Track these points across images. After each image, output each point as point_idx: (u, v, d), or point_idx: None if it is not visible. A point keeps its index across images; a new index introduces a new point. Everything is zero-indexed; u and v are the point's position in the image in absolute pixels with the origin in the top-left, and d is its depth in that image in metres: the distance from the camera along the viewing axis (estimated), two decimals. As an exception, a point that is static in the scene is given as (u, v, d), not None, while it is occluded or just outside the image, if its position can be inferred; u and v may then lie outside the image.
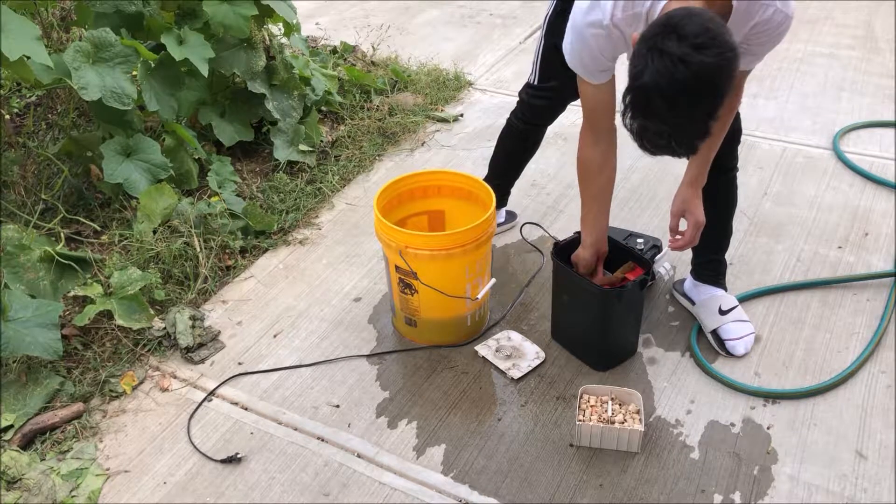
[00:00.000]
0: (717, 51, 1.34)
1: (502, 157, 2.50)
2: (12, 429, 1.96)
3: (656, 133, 1.44)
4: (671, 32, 1.35)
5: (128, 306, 2.20)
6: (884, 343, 2.16)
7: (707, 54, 1.33)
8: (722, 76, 1.36)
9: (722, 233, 2.19)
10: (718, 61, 1.35)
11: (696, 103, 1.38)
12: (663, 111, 1.39)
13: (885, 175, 2.89)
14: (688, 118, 1.40)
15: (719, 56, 1.34)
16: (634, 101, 1.42)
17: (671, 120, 1.40)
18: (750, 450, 1.87)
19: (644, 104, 1.41)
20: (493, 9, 4.66)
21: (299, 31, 3.37)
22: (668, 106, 1.38)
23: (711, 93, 1.38)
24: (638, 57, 1.40)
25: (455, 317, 2.18)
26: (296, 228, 2.74)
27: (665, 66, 1.35)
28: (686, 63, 1.33)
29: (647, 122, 1.43)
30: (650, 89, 1.37)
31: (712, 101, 1.39)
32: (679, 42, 1.34)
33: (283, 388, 2.11)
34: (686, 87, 1.35)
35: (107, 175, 2.51)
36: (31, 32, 2.18)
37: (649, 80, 1.37)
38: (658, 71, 1.35)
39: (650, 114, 1.41)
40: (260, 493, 1.82)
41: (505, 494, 1.79)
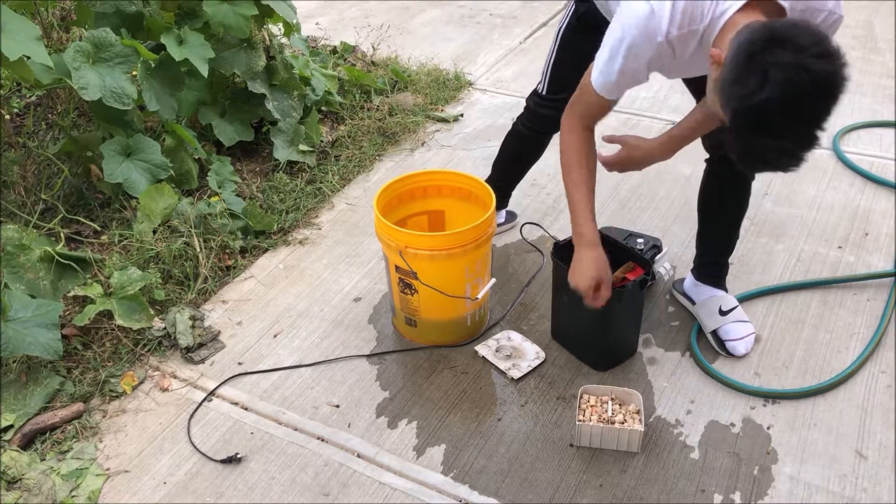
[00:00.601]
0: (836, 59, 1.31)
1: (506, 160, 2.50)
2: (12, 429, 1.96)
3: (774, 150, 1.38)
4: (782, 45, 1.31)
5: (128, 306, 2.20)
6: (884, 343, 2.16)
7: (827, 62, 1.30)
8: (841, 83, 1.32)
9: (730, 236, 2.18)
10: (838, 69, 1.31)
11: (817, 113, 1.34)
12: (784, 125, 1.34)
13: (885, 175, 2.89)
14: (808, 129, 1.35)
15: (838, 64, 1.32)
16: (751, 120, 1.35)
17: (791, 133, 1.35)
18: (750, 450, 1.87)
19: (764, 121, 1.34)
20: (493, 9, 4.66)
21: (299, 31, 3.37)
22: (791, 119, 1.33)
23: (831, 101, 1.34)
24: (748, 74, 1.33)
25: (455, 317, 2.18)
26: (296, 228, 2.74)
27: (787, 77, 1.29)
28: (809, 72, 1.29)
29: (764, 140, 1.37)
30: (771, 104, 1.31)
31: (830, 109, 1.35)
32: (796, 53, 1.30)
33: (283, 388, 2.11)
34: (810, 97, 1.31)
35: (107, 175, 2.51)
36: (31, 32, 2.18)
37: (771, 94, 1.31)
38: (779, 84, 1.30)
39: (768, 131, 1.35)
40: (260, 493, 1.82)
41: (505, 494, 1.79)
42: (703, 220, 2.19)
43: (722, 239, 2.19)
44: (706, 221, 2.19)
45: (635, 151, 1.95)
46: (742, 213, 2.14)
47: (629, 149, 1.96)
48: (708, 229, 2.20)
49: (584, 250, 1.87)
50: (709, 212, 2.17)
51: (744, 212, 2.14)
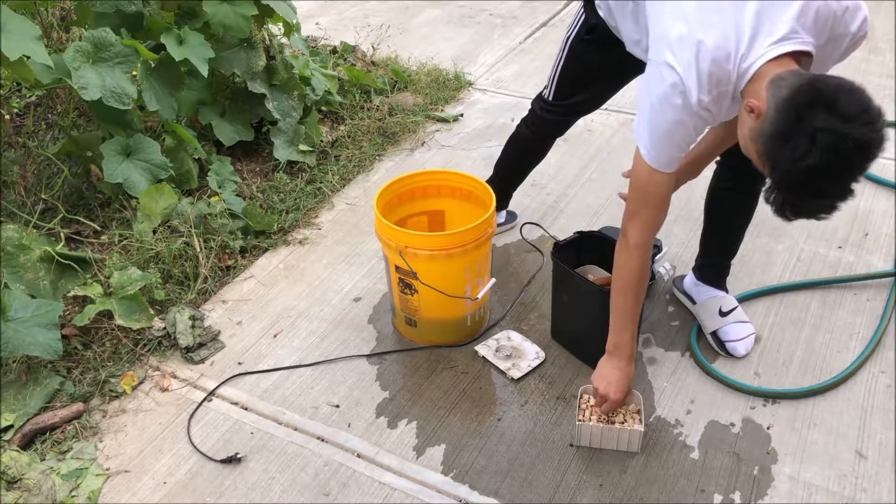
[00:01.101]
0: (880, 125, 1.36)
1: (508, 162, 2.50)
2: (12, 429, 1.96)
3: (817, 206, 1.43)
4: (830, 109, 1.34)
5: (128, 306, 2.20)
6: (884, 343, 2.16)
7: (872, 130, 1.34)
8: (882, 145, 1.37)
9: (734, 240, 2.18)
10: (883, 135, 1.36)
11: (858, 174, 1.39)
12: (826, 187, 1.39)
13: (885, 175, 2.89)
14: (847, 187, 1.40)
15: (883, 130, 1.36)
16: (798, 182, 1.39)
17: (832, 192, 1.40)
18: (750, 450, 1.87)
19: (808, 184, 1.38)
20: (493, 9, 4.66)
21: (299, 31, 3.37)
22: (834, 182, 1.38)
23: (870, 163, 1.38)
24: (796, 137, 1.36)
25: (455, 317, 2.18)
26: (296, 228, 2.74)
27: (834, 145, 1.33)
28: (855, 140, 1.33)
29: (810, 199, 1.42)
30: (818, 170, 1.35)
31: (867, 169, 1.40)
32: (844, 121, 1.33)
33: (283, 387, 2.11)
34: (853, 162, 1.36)
35: (107, 175, 2.51)
36: (31, 32, 2.18)
37: (818, 161, 1.34)
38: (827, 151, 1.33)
39: (814, 191, 1.40)
40: (260, 493, 1.82)
41: (505, 494, 1.79)
42: (709, 221, 2.18)
43: (726, 242, 2.18)
44: (712, 223, 2.17)
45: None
46: (748, 218, 2.13)
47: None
48: (713, 231, 2.19)
49: (622, 364, 1.84)
50: (715, 214, 2.15)
51: (750, 217, 2.12)
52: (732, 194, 2.07)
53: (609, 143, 3.18)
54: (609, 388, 1.84)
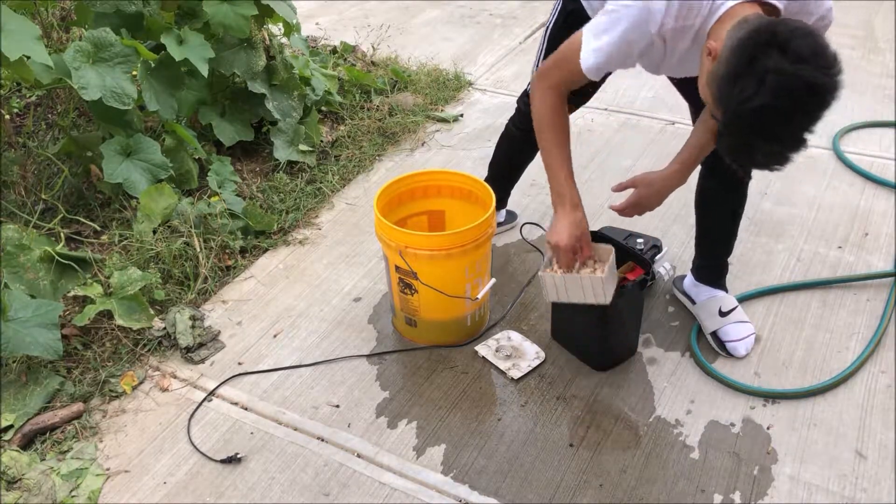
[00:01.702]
0: (834, 70, 1.34)
1: (500, 161, 2.51)
2: (12, 429, 1.96)
3: (764, 152, 1.42)
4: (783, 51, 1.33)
5: (128, 306, 2.20)
6: (884, 343, 2.16)
7: (825, 74, 1.33)
8: (835, 92, 1.35)
9: (728, 237, 2.18)
10: (835, 80, 1.34)
11: (808, 121, 1.37)
12: (776, 130, 1.37)
13: (885, 175, 2.89)
14: (798, 135, 1.39)
15: (835, 74, 1.34)
16: (745, 123, 1.39)
17: (782, 137, 1.39)
18: (750, 450, 1.87)
19: (757, 125, 1.37)
20: (493, 9, 4.66)
21: (299, 31, 3.37)
22: (782, 125, 1.36)
23: (824, 109, 1.37)
24: (746, 77, 1.35)
25: (455, 317, 2.18)
26: (296, 228, 2.74)
27: (784, 86, 1.32)
28: (806, 82, 1.32)
29: (757, 143, 1.41)
30: (766, 110, 1.34)
31: (821, 116, 1.38)
32: (795, 63, 1.32)
33: (283, 388, 2.11)
34: (803, 106, 1.35)
35: (107, 175, 2.51)
36: (31, 32, 2.18)
37: (767, 101, 1.33)
38: (776, 91, 1.33)
39: (761, 134, 1.39)
40: (260, 493, 1.82)
41: (505, 494, 1.79)
42: (701, 221, 2.19)
43: (720, 240, 2.19)
44: (704, 223, 2.19)
45: (651, 188, 1.93)
46: (739, 214, 2.14)
47: (644, 187, 1.94)
48: (706, 231, 2.20)
49: (566, 211, 1.83)
50: (706, 213, 2.17)
51: (741, 212, 2.14)
52: (719, 192, 2.09)
53: (609, 143, 3.18)
54: (556, 236, 1.82)
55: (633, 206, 1.97)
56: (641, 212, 1.99)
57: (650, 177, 1.94)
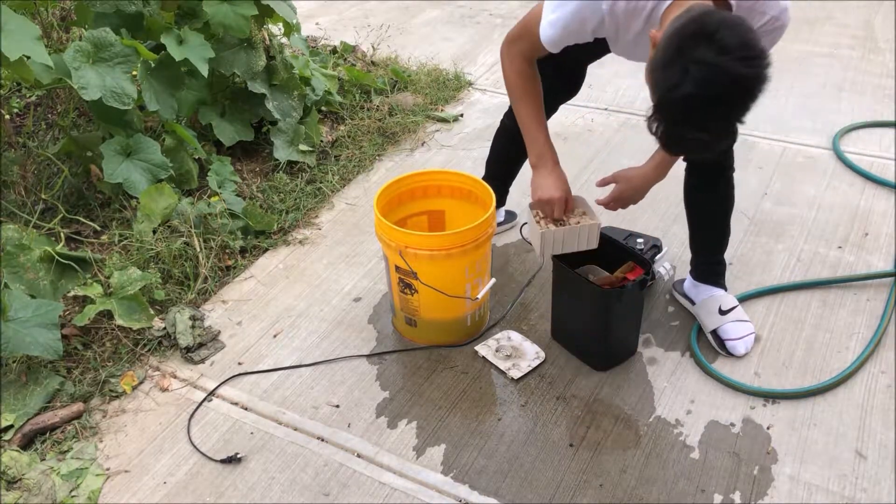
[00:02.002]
0: (758, 62, 1.35)
1: (497, 157, 2.51)
2: (12, 429, 1.96)
3: (692, 140, 1.45)
4: (709, 42, 1.35)
5: (128, 306, 2.20)
6: (884, 343, 2.16)
7: (748, 66, 1.35)
8: (759, 86, 1.37)
9: (721, 233, 2.19)
10: (758, 72, 1.36)
11: (734, 111, 1.40)
12: (701, 119, 1.40)
13: (885, 175, 2.89)
14: (724, 125, 1.42)
15: (760, 67, 1.36)
16: (672, 111, 1.42)
17: (707, 126, 1.41)
18: (750, 450, 1.87)
19: (683, 114, 1.40)
20: (493, 9, 4.66)
21: (299, 31, 3.37)
22: (707, 114, 1.39)
23: (748, 101, 1.39)
24: (673, 66, 1.38)
25: (455, 317, 2.18)
26: (296, 228, 2.74)
27: (706, 77, 1.34)
28: (728, 74, 1.34)
29: (684, 131, 1.43)
30: (691, 99, 1.37)
31: (748, 107, 1.41)
32: (719, 53, 1.34)
33: (283, 388, 2.11)
34: (726, 96, 1.37)
35: (107, 175, 2.51)
36: (31, 32, 2.18)
37: (691, 90, 1.36)
38: (699, 81, 1.35)
39: (688, 122, 1.41)
40: (260, 493, 1.82)
41: (505, 494, 1.79)
42: (692, 220, 2.21)
43: (713, 237, 2.20)
44: (694, 221, 2.20)
45: (630, 183, 2.04)
46: (728, 209, 2.15)
47: (623, 182, 2.05)
48: (697, 229, 2.21)
49: (548, 168, 1.92)
50: (694, 211, 2.18)
51: (730, 207, 2.15)
52: (704, 188, 2.11)
53: (609, 143, 3.18)
54: (548, 191, 1.91)
55: (615, 200, 2.08)
56: (625, 205, 2.09)
57: (628, 173, 2.04)
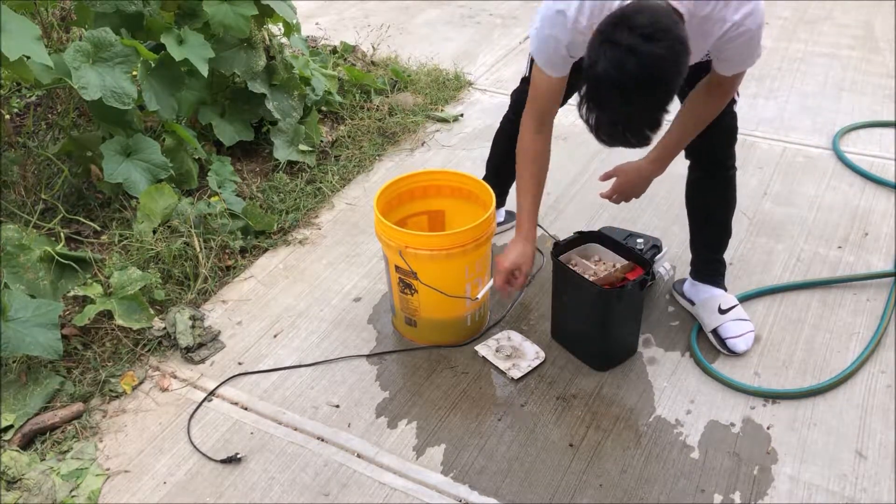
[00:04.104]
0: (667, 42, 1.39)
1: (496, 158, 2.51)
2: (12, 429, 1.96)
3: (609, 123, 1.48)
4: (623, 24, 1.40)
5: (128, 306, 2.20)
6: (884, 343, 2.16)
7: (657, 45, 1.38)
8: (670, 67, 1.41)
9: (721, 232, 2.19)
10: (667, 52, 1.39)
11: (645, 93, 1.42)
12: (615, 101, 1.44)
13: (885, 175, 2.89)
14: (638, 108, 1.45)
15: (668, 48, 1.39)
16: (588, 92, 1.46)
17: (623, 109, 1.45)
18: (750, 450, 1.87)
19: (597, 95, 1.45)
20: (493, 9, 4.66)
21: (299, 31, 3.36)
22: (620, 96, 1.42)
23: (660, 83, 1.42)
24: (592, 48, 1.44)
25: (455, 317, 2.18)
26: (296, 228, 2.74)
27: (616, 56, 1.39)
28: (636, 53, 1.38)
29: (601, 113, 1.47)
30: (602, 80, 1.42)
31: (662, 92, 1.44)
32: (629, 33, 1.38)
33: (283, 388, 2.11)
34: (636, 77, 1.40)
35: (107, 175, 2.51)
36: (31, 32, 2.18)
37: (601, 70, 1.41)
38: (609, 61, 1.40)
39: (603, 104, 1.45)
40: (260, 493, 1.82)
41: (505, 494, 1.79)
42: (693, 219, 2.21)
43: (713, 236, 2.20)
44: (695, 220, 2.21)
45: (627, 176, 2.05)
46: (729, 208, 2.16)
47: (622, 175, 2.06)
48: (699, 228, 2.21)
49: (519, 241, 2.00)
50: (695, 208, 2.19)
51: (731, 207, 2.15)
52: (705, 184, 2.12)
53: (609, 143, 3.18)
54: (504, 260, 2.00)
55: (616, 192, 2.09)
56: (627, 198, 2.09)
57: (627, 166, 2.05)
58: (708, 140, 1.98)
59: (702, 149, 2.03)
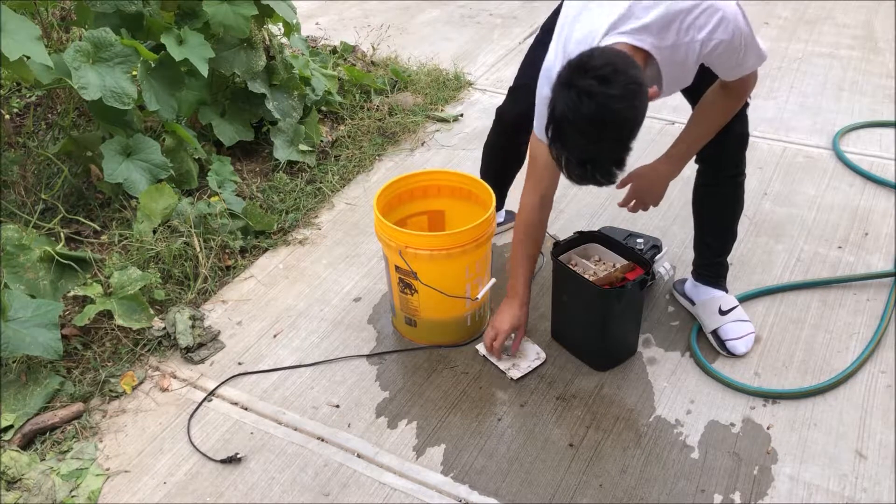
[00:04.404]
0: (621, 84, 1.43)
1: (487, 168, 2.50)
2: (12, 429, 1.96)
3: (576, 163, 1.53)
4: (580, 68, 1.46)
5: (128, 306, 2.20)
6: (884, 343, 2.16)
7: (611, 87, 1.43)
8: (625, 108, 1.45)
9: (726, 236, 2.19)
10: (621, 93, 1.43)
11: (603, 133, 1.47)
12: (575, 141, 1.49)
13: (885, 175, 2.89)
14: (598, 147, 1.49)
15: (622, 89, 1.44)
16: (552, 134, 1.51)
17: (584, 148, 1.49)
18: (750, 450, 1.87)
19: (559, 135, 1.50)
20: (493, 9, 4.66)
21: (299, 31, 3.37)
22: (579, 135, 1.48)
23: (617, 123, 1.47)
24: (553, 92, 1.50)
25: (455, 317, 2.18)
26: (296, 228, 2.74)
27: (572, 98, 1.45)
28: (590, 95, 1.43)
29: (565, 153, 1.52)
30: (561, 121, 1.47)
31: (620, 130, 1.48)
32: (585, 76, 1.44)
33: (283, 388, 2.11)
34: (591, 118, 1.45)
35: (107, 175, 2.51)
36: (31, 32, 2.18)
37: (559, 113, 1.47)
38: (566, 104, 1.46)
39: (566, 144, 1.51)
40: (260, 493, 1.82)
41: (505, 494, 1.79)
42: (699, 220, 2.21)
43: (718, 239, 2.20)
44: (701, 222, 2.20)
45: (642, 180, 2.04)
46: (736, 213, 2.15)
47: (637, 179, 2.05)
48: (703, 230, 2.21)
49: (513, 306, 2.07)
50: (702, 211, 2.18)
51: (738, 211, 2.15)
52: (714, 188, 2.12)
53: (609, 143, 3.18)
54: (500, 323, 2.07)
55: (633, 197, 2.08)
56: (644, 204, 2.08)
57: (642, 170, 2.05)
58: (720, 146, 1.97)
59: (713, 155, 2.01)
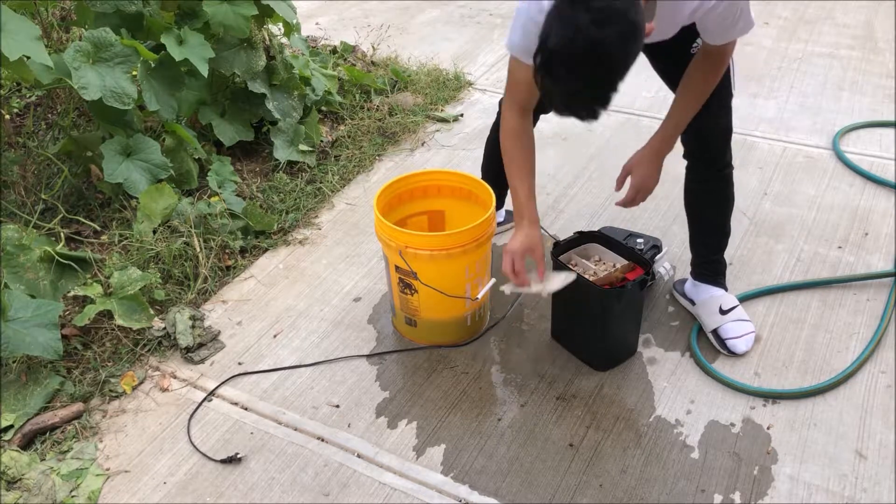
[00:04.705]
0: (617, 27, 1.39)
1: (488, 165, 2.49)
2: (12, 429, 1.96)
3: (560, 94, 1.50)
4: (579, 3, 1.40)
5: (128, 306, 2.20)
6: (884, 343, 2.16)
7: (607, 27, 1.39)
8: (618, 50, 1.42)
9: (720, 232, 2.19)
10: (616, 35, 1.40)
11: (593, 73, 1.44)
12: (564, 76, 1.45)
13: (885, 175, 2.89)
14: (586, 85, 1.46)
15: (618, 31, 1.40)
16: (541, 63, 1.47)
17: (571, 84, 1.46)
18: (750, 450, 1.87)
19: (548, 67, 1.46)
20: (493, 9, 4.66)
21: (299, 31, 3.36)
22: (568, 72, 1.44)
23: (608, 64, 1.43)
24: (548, 21, 1.45)
25: (455, 317, 2.18)
26: (296, 228, 2.74)
27: (567, 34, 1.40)
28: (585, 34, 1.39)
29: (553, 85, 1.49)
30: (552, 54, 1.43)
31: (609, 72, 1.45)
32: (584, 13, 1.39)
33: (282, 388, 2.11)
34: (583, 58, 1.41)
35: (107, 175, 2.51)
36: (31, 32, 2.18)
37: (552, 45, 1.43)
38: (560, 38, 1.41)
39: (555, 76, 1.47)
40: (260, 493, 1.82)
41: (505, 494, 1.79)
42: (692, 219, 2.22)
43: (712, 236, 2.20)
44: (694, 220, 2.21)
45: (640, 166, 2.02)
46: (728, 208, 2.16)
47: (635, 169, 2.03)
48: (697, 228, 2.22)
49: (523, 226, 1.95)
50: (694, 208, 2.19)
51: (730, 207, 2.16)
52: (705, 185, 2.12)
53: (609, 143, 3.18)
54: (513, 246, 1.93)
55: (635, 191, 2.05)
56: (645, 193, 2.06)
57: (636, 156, 2.03)
58: (705, 140, 1.98)
59: (699, 149, 2.03)
